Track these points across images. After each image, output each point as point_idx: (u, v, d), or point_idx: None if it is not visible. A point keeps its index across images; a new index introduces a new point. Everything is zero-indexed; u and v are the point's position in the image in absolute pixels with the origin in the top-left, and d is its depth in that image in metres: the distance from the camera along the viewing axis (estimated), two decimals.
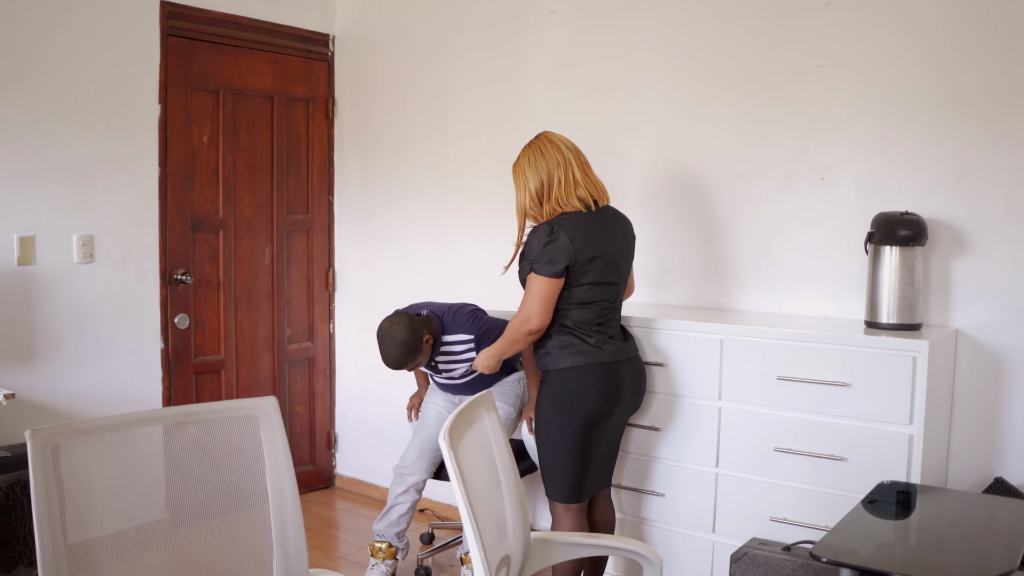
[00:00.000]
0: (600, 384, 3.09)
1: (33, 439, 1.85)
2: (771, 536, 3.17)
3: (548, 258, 3.00)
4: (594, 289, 3.09)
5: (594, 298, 3.10)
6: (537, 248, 3.03)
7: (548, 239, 3.01)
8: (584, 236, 3.04)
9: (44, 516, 1.83)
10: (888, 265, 3.14)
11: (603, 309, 3.13)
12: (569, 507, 3.16)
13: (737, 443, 3.25)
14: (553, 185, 3.10)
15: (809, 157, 3.48)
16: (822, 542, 2.11)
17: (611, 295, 3.15)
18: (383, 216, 4.84)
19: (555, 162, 3.11)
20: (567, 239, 3.01)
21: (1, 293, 3.72)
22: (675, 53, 3.78)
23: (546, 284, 3.01)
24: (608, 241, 3.12)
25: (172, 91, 4.27)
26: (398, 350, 3.42)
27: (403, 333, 3.42)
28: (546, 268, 3.00)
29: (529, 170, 3.14)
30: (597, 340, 3.10)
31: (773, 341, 3.16)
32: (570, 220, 3.05)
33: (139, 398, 4.18)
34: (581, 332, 3.10)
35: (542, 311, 3.04)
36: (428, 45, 4.61)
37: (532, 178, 3.12)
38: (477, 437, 2.26)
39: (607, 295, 3.13)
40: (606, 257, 3.10)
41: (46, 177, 3.84)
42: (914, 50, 3.24)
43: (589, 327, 3.10)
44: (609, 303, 3.15)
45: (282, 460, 2.19)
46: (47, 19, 3.80)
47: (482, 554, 2.00)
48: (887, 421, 2.95)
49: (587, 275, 3.06)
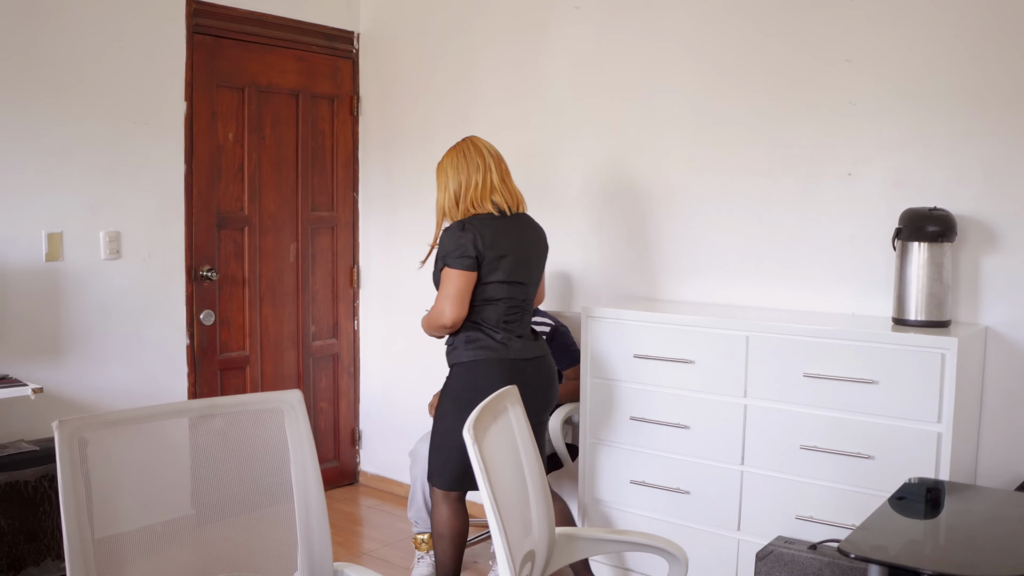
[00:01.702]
0: (502, 380, 3.04)
1: (61, 430, 1.86)
2: (797, 534, 3.14)
3: (460, 252, 3.10)
4: (502, 287, 3.18)
5: (502, 295, 3.19)
6: (449, 245, 3.13)
7: (459, 234, 3.12)
8: (493, 234, 3.15)
9: (71, 508, 1.84)
10: (916, 261, 3.11)
11: (511, 307, 3.22)
12: (448, 494, 3.27)
13: (763, 440, 3.23)
14: (471, 188, 3.22)
15: (835, 153, 3.45)
16: (850, 539, 2.09)
17: (520, 294, 3.25)
18: (407, 212, 4.84)
19: (475, 166, 3.23)
20: (477, 235, 3.12)
21: (30, 289, 3.75)
22: (699, 49, 3.76)
23: (459, 277, 3.11)
24: (517, 242, 3.22)
25: (198, 88, 4.29)
26: None
27: None
28: (458, 262, 3.10)
29: (451, 171, 3.25)
30: (503, 337, 3.20)
31: (799, 338, 3.13)
32: (481, 219, 3.17)
33: (165, 394, 4.20)
34: (488, 328, 3.20)
35: (456, 305, 3.12)
36: (452, 41, 4.61)
37: (453, 179, 3.24)
38: (502, 430, 2.26)
39: (515, 294, 3.23)
40: (514, 257, 3.20)
41: (73, 174, 3.87)
42: (942, 44, 3.20)
43: (496, 324, 3.20)
44: (518, 302, 3.24)
45: (307, 453, 2.19)
46: (74, 18, 3.83)
47: (507, 549, 1.99)
48: (915, 419, 2.92)
49: (496, 272, 3.16)
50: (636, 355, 3.50)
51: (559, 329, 3.92)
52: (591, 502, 3.68)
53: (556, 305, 4.26)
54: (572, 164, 4.19)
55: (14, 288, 3.70)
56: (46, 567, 3.50)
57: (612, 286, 4.09)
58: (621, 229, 4.04)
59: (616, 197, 4.05)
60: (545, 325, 3.91)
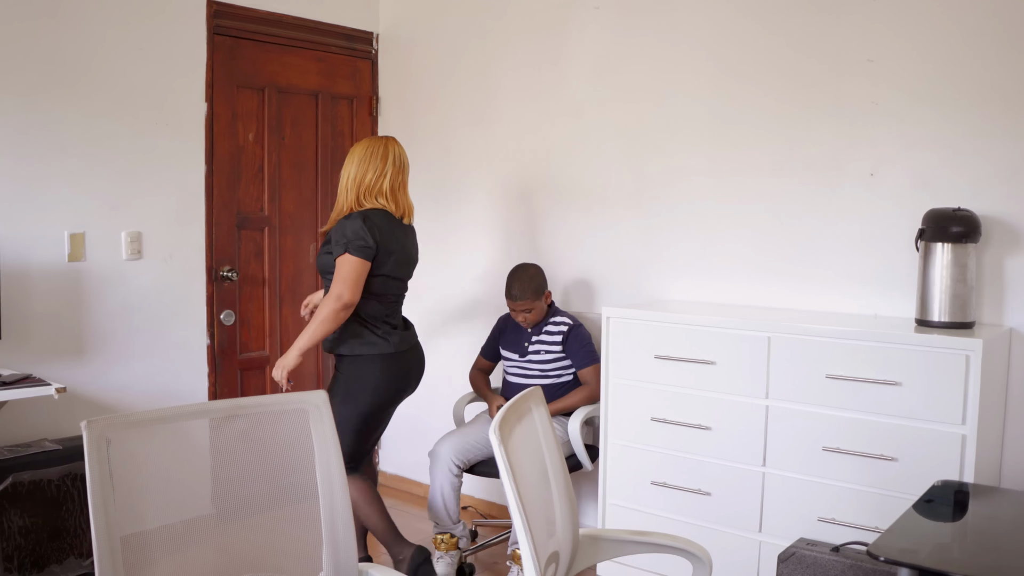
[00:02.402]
0: (387, 374, 3.44)
1: (89, 430, 1.86)
2: (819, 536, 3.13)
3: (362, 242, 3.30)
4: (388, 282, 3.44)
5: (386, 290, 3.44)
6: (351, 233, 3.31)
7: (362, 225, 3.32)
8: (385, 231, 3.38)
9: (100, 507, 1.85)
10: (940, 262, 3.09)
11: (391, 302, 3.49)
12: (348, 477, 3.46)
13: (785, 442, 3.21)
14: (364, 182, 3.42)
15: (857, 153, 3.44)
16: (878, 542, 2.08)
17: (400, 289, 3.53)
18: (426, 213, 4.84)
19: (375, 167, 3.43)
20: (377, 228, 3.35)
21: (52, 289, 3.77)
22: (719, 49, 3.75)
23: (358, 264, 3.31)
24: (402, 242, 3.48)
25: (218, 89, 4.30)
26: (530, 283, 3.88)
27: (538, 272, 3.94)
28: (360, 251, 3.30)
29: (357, 160, 3.45)
30: (383, 331, 3.45)
31: (822, 339, 3.12)
32: (378, 214, 3.40)
33: (185, 393, 4.22)
34: (371, 323, 3.44)
35: (354, 288, 3.31)
36: (471, 42, 4.61)
37: (357, 167, 3.44)
38: (526, 432, 2.26)
39: (396, 290, 3.50)
40: (399, 255, 3.45)
41: (96, 175, 3.89)
42: (965, 43, 3.19)
43: (378, 318, 3.45)
44: (396, 297, 3.52)
45: (332, 453, 2.20)
46: (96, 20, 3.85)
47: (532, 550, 1.99)
48: (939, 421, 2.90)
49: (384, 266, 3.40)
50: (657, 356, 3.49)
51: (576, 328, 3.92)
52: (612, 503, 3.68)
53: (576, 306, 4.26)
54: (591, 165, 4.18)
55: (37, 288, 3.72)
56: (69, 565, 3.52)
57: (632, 287, 4.08)
58: (641, 230, 4.04)
59: (636, 198, 4.05)
60: (563, 324, 3.91)
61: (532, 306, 3.90)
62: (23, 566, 3.41)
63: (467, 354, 4.62)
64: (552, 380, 3.93)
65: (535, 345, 3.96)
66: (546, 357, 3.93)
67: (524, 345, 3.99)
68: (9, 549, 3.38)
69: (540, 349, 3.95)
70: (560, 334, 3.92)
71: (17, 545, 3.39)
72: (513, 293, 3.90)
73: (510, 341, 4.06)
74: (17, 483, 3.39)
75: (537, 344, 3.96)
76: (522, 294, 3.88)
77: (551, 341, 3.93)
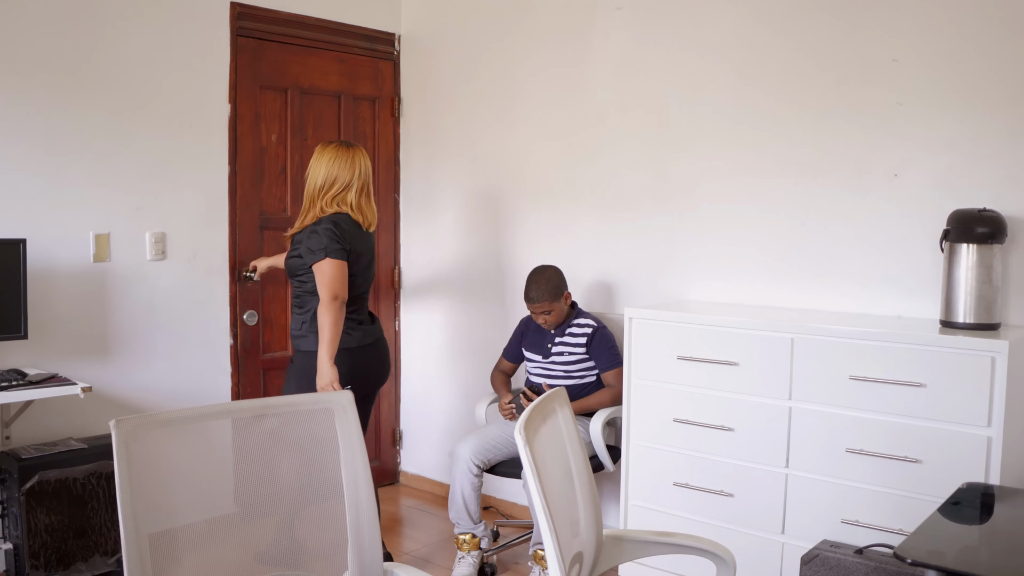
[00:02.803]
0: (348, 366, 3.52)
1: (117, 429, 1.88)
2: (843, 538, 3.12)
3: (339, 246, 3.47)
4: (354, 282, 3.57)
5: (352, 291, 3.57)
6: (328, 240, 3.46)
7: (335, 231, 3.48)
8: (354, 235, 3.56)
9: (128, 504, 1.86)
10: (965, 263, 3.07)
11: (356, 298, 3.62)
12: None
13: (808, 443, 3.20)
14: (337, 188, 3.56)
15: (882, 153, 3.43)
16: (905, 544, 2.07)
17: (364, 289, 3.67)
18: (448, 214, 4.86)
19: (342, 175, 3.57)
20: (346, 232, 3.51)
21: (78, 289, 3.80)
22: (743, 48, 3.75)
23: (340, 266, 3.47)
24: (367, 246, 3.65)
25: (242, 90, 4.33)
26: (547, 284, 3.90)
27: (555, 273, 3.96)
28: (339, 254, 3.47)
29: (326, 164, 3.58)
30: (347, 327, 3.56)
31: (845, 340, 3.11)
32: (345, 219, 3.55)
33: (209, 393, 4.25)
34: None
35: (344, 287, 3.49)
36: (493, 43, 4.62)
37: (325, 171, 3.57)
38: (551, 432, 2.26)
39: (361, 289, 3.64)
40: (365, 257, 3.62)
41: (120, 176, 3.92)
42: (991, 42, 3.17)
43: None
44: (361, 294, 3.66)
45: (357, 453, 2.21)
46: (120, 22, 3.88)
47: (557, 550, 1.99)
48: (964, 423, 2.89)
49: (353, 267, 3.55)
50: (680, 357, 3.49)
51: (601, 330, 3.92)
52: (634, 504, 3.67)
53: (598, 307, 4.26)
54: (613, 166, 4.18)
55: (63, 288, 3.76)
56: (94, 563, 3.55)
57: (655, 288, 4.08)
58: (663, 231, 4.03)
59: (658, 199, 4.04)
60: (588, 326, 3.91)
61: (551, 307, 3.90)
62: (49, 563, 3.44)
63: (489, 356, 4.63)
64: (575, 381, 3.93)
65: (558, 346, 3.96)
66: (570, 358, 3.94)
67: (547, 346, 3.99)
68: (35, 546, 3.41)
69: (564, 350, 3.95)
70: (584, 335, 3.92)
71: (43, 543, 3.43)
72: (531, 296, 3.91)
73: (533, 343, 4.06)
74: (43, 481, 3.42)
75: (560, 345, 3.96)
76: (539, 296, 3.89)
77: (575, 343, 3.93)
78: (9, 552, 3.48)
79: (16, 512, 3.41)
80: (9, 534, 3.50)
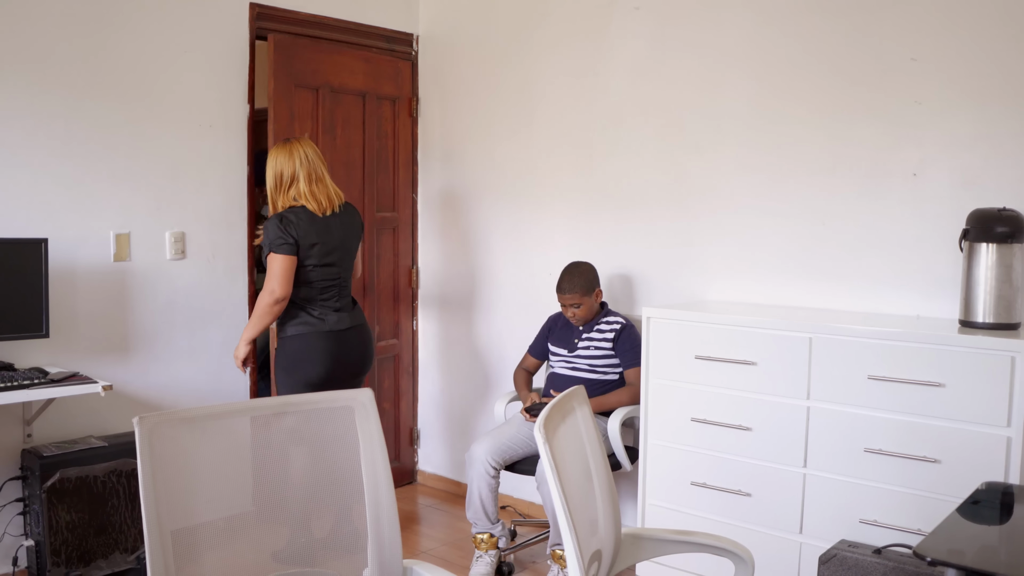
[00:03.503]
0: (320, 351, 3.72)
1: (140, 426, 1.90)
2: (861, 538, 3.11)
3: (281, 240, 3.59)
4: (316, 270, 3.69)
5: (316, 278, 3.70)
6: (272, 235, 3.61)
7: (279, 226, 3.61)
8: (307, 226, 3.65)
9: (151, 500, 1.88)
10: (984, 263, 3.06)
11: (325, 287, 3.74)
12: None
13: (826, 443, 3.20)
14: (286, 183, 3.70)
15: (900, 153, 3.42)
16: (924, 543, 2.07)
17: (332, 275, 3.75)
18: (465, 214, 4.87)
19: (291, 167, 3.69)
20: (293, 225, 3.62)
21: (98, 289, 3.83)
22: (760, 49, 3.74)
23: (283, 261, 3.60)
24: (324, 231, 3.70)
25: (277, 88, 4.26)
26: (581, 278, 3.95)
27: (589, 269, 4.00)
28: (281, 248, 3.59)
29: (273, 164, 3.70)
30: (320, 312, 3.73)
31: (864, 340, 3.10)
32: (296, 212, 3.66)
33: (228, 391, 4.27)
34: (308, 306, 3.72)
35: (284, 283, 3.61)
36: (511, 43, 4.63)
37: (272, 173, 3.70)
38: (570, 430, 2.27)
39: (328, 275, 3.73)
40: (323, 246, 3.69)
41: (140, 176, 3.95)
42: (1010, 40, 3.15)
43: (313, 302, 3.72)
44: (330, 281, 3.75)
45: (377, 451, 2.22)
46: (139, 22, 3.91)
47: (576, 548, 2.00)
48: (983, 423, 2.88)
49: (310, 258, 3.66)
50: (697, 356, 3.49)
51: (629, 328, 3.93)
52: (651, 503, 3.68)
53: (616, 306, 4.26)
54: (630, 166, 4.18)
55: (84, 288, 3.79)
56: (114, 560, 3.57)
57: (673, 288, 4.08)
58: (681, 231, 4.03)
59: (676, 199, 4.04)
60: (616, 323, 3.92)
61: (581, 301, 3.92)
62: (70, 560, 3.47)
63: (505, 355, 4.64)
64: (598, 376, 3.94)
65: (585, 341, 3.98)
66: (595, 353, 3.95)
67: (574, 341, 4.01)
68: (57, 543, 3.44)
69: (590, 345, 3.96)
70: (612, 332, 3.94)
71: (64, 540, 3.45)
72: (563, 287, 3.94)
73: (560, 338, 4.08)
74: (64, 479, 3.45)
75: (587, 340, 3.97)
76: (571, 288, 3.92)
77: (602, 338, 3.95)
78: (31, 548, 3.51)
79: (38, 509, 3.44)
80: (31, 531, 3.53)
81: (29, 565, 3.55)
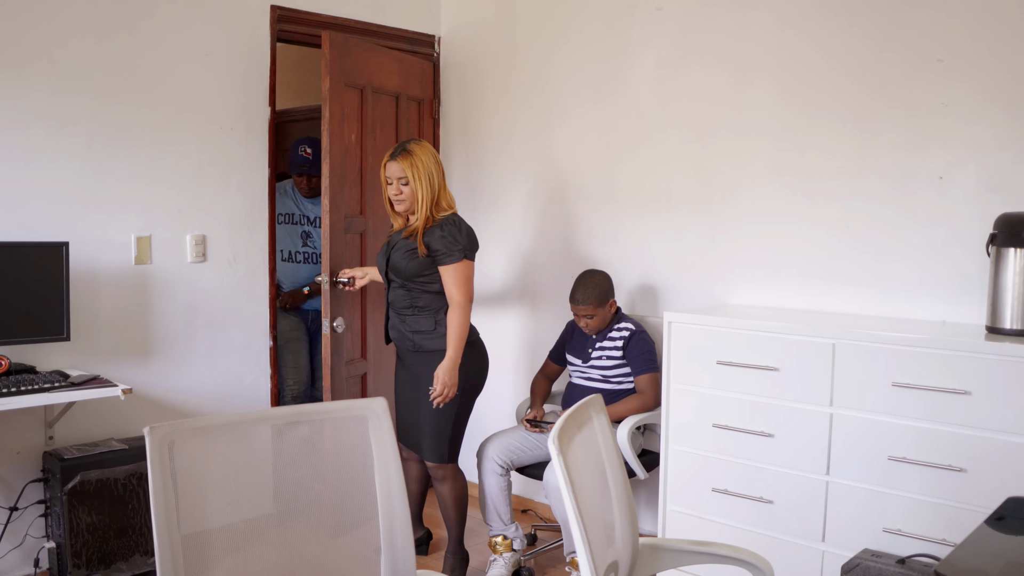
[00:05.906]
0: (485, 357, 3.79)
1: (152, 435, 1.89)
2: (884, 548, 3.06)
3: (472, 246, 3.58)
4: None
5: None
6: (463, 239, 3.54)
7: (467, 230, 3.58)
8: None
9: (161, 507, 1.87)
10: (1012, 268, 3.01)
11: None
12: (455, 465, 3.77)
13: (849, 451, 3.15)
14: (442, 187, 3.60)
15: (926, 156, 3.36)
16: (948, 560, 2.02)
17: None
18: (488, 215, 4.85)
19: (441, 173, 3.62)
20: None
21: (120, 291, 3.84)
22: (785, 49, 3.69)
23: (472, 267, 3.58)
24: None
25: (333, 87, 4.07)
26: (594, 289, 3.89)
27: (604, 279, 3.95)
28: (472, 254, 3.58)
29: (434, 168, 3.57)
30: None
31: (888, 346, 3.06)
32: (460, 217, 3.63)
33: (248, 394, 4.28)
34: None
35: (472, 291, 3.60)
36: (532, 45, 4.60)
37: (436, 174, 3.57)
38: (587, 440, 2.24)
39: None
40: None
41: (161, 179, 3.96)
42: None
43: None
44: None
45: (390, 461, 2.20)
46: (161, 25, 3.91)
47: (590, 560, 1.97)
48: (1011, 432, 2.82)
49: None
50: (719, 362, 3.45)
51: (638, 334, 3.89)
52: (672, 510, 3.64)
53: (639, 310, 4.23)
54: (654, 168, 4.15)
55: (105, 290, 3.80)
56: (135, 562, 3.58)
57: (696, 292, 4.04)
58: (705, 234, 3.99)
59: (700, 202, 4.00)
60: (625, 330, 3.88)
61: (594, 312, 3.87)
62: (91, 562, 3.48)
63: (526, 357, 4.62)
64: (613, 386, 3.90)
65: (597, 351, 3.93)
66: (607, 363, 3.91)
67: (588, 351, 3.97)
68: (77, 546, 3.45)
69: (602, 355, 3.92)
70: (621, 339, 3.89)
71: (85, 542, 3.47)
72: (576, 297, 3.89)
73: (575, 347, 4.04)
74: (85, 481, 3.46)
75: (599, 350, 3.93)
76: (584, 299, 3.86)
77: (612, 347, 3.90)
78: (52, 551, 3.53)
79: (59, 511, 3.45)
80: (52, 533, 3.55)
81: (50, 567, 3.57)
